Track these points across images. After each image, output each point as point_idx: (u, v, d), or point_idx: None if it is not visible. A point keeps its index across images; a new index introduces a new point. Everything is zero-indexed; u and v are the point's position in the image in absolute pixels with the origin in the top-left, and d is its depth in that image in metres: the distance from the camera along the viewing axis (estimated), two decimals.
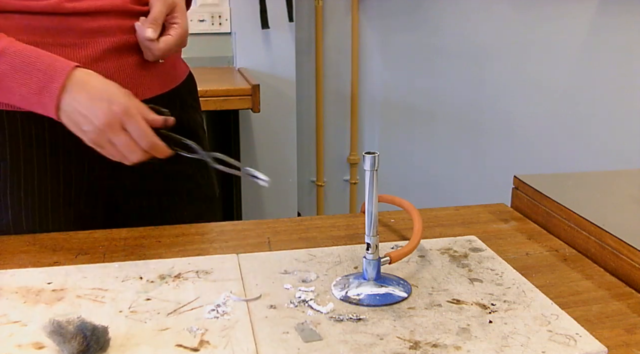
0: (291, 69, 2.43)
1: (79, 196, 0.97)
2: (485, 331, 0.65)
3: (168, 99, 1.01)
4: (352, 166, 2.73)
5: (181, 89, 1.06)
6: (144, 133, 0.82)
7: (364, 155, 0.69)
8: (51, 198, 0.95)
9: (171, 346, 0.62)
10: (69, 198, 0.96)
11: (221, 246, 0.86)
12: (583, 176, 1.11)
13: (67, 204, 0.96)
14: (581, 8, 2.45)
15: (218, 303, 0.70)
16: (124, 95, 0.83)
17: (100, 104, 0.81)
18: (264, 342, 0.63)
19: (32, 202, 0.94)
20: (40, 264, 0.81)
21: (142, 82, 0.97)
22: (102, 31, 0.92)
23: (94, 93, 0.82)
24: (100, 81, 0.84)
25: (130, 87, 0.88)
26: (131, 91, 0.86)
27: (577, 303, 0.72)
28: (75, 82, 0.82)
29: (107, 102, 0.81)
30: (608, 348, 0.63)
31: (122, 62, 0.94)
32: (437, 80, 2.63)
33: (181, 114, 1.01)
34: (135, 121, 0.82)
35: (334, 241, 0.88)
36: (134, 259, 0.81)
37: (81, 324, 0.61)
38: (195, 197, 1.08)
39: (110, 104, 0.81)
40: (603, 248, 0.83)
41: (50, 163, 0.93)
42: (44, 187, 0.94)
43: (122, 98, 0.82)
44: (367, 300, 0.71)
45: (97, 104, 0.81)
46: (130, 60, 0.95)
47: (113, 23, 0.93)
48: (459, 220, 0.96)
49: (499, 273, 0.78)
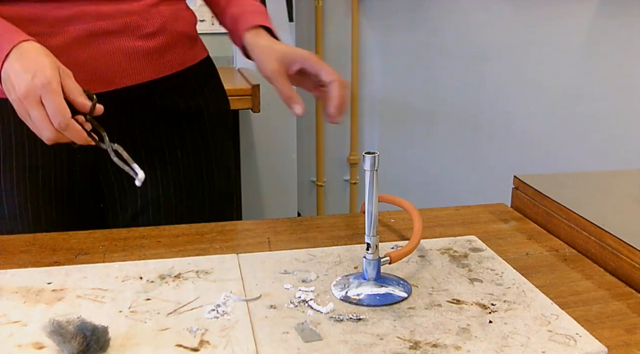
0: None
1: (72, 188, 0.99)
2: (485, 331, 0.65)
3: (162, 84, 1.01)
4: (352, 166, 2.73)
5: (185, 74, 1.05)
6: (58, 111, 0.80)
7: (364, 155, 0.69)
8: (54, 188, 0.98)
9: (171, 346, 0.62)
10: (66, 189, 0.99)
11: (221, 246, 0.86)
12: (583, 176, 1.11)
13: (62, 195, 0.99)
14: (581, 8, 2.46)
15: (218, 303, 0.70)
16: (53, 69, 0.80)
17: (25, 76, 0.80)
18: (264, 342, 0.63)
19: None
20: (40, 264, 0.81)
21: (122, 69, 0.96)
22: (73, 19, 0.92)
23: (25, 64, 0.81)
24: (37, 53, 0.82)
25: (109, 75, 0.88)
26: (110, 78, 0.86)
27: (577, 303, 0.72)
28: (17, 52, 0.82)
29: (32, 73, 0.79)
30: (608, 348, 0.63)
31: (96, 50, 0.94)
32: (437, 80, 2.63)
33: (177, 100, 1.01)
34: (53, 97, 0.79)
35: (334, 241, 0.88)
36: (134, 259, 0.81)
37: (81, 324, 0.61)
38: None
39: (34, 76, 0.79)
40: (603, 248, 0.83)
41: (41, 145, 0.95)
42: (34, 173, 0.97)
43: (48, 72, 0.80)
44: (367, 300, 0.71)
45: (23, 75, 0.80)
46: (106, 48, 0.94)
47: (85, 9, 0.92)
48: (459, 220, 0.96)
49: (499, 273, 0.78)
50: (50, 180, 0.99)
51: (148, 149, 1.03)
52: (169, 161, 1.04)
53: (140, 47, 0.98)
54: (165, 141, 1.04)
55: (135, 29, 0.97)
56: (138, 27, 0.97)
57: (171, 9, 1.02)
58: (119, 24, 0.95)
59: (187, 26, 1.05)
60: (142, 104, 1.01)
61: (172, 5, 1.02)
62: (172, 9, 1.02)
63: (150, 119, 1.02)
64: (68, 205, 1.02)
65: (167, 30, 1.00)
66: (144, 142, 1.02)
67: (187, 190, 1.06)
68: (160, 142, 1.03)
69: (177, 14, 1.03)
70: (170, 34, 1.01)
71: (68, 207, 1.02)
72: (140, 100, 1.00)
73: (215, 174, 1.09)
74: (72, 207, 1.02)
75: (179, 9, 1.04)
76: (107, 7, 0.94)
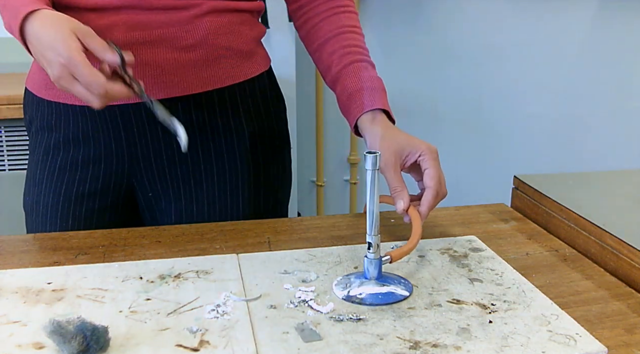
0: (291, 69, 2.43)
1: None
2: (485, 331, 0.65)
3: (200, 99, 0.96)
4: (352, 166, 2.73)
5: (230, 91, 0.99)
6: (90, 82, 0.78)
7: (366, 154, 0.69)
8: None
9: (171, 346, 0.62)
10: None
11: (221, 246, 0.86)
12: (583, 176, 1.11)
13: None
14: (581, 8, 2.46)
15: (218, 303, 0.70)
16: (69, 41, 0.78)
17: (51, 54, 0.79)
18: (264, 342, 0.63)
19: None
20: (40, 264, 0.81)
21: (154, 81, 0.93)
22: (111, 28, 0.90)
23: (44, 38, 0.80)
24: (46, 23, 0.81)
25: (145, 86, 0.85)
26: (147, 91, 0.84)
27: (577, 303, 0.72)
28: (31, 30, 0.81)
29: (52, 51, 0.79)
30: (608, 348, 0.63)
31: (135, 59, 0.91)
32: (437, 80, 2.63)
33: (216, 117, 0.98)
34: (80, 71, 0.78)
35: (334, 241, 0.88)
36: (134, 259, 0.81)
37: (81, 324, 0.61)
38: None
39: (58, 54, 0.78)
40: (603, 248, 0.83)
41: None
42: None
43: (62, 46, 0.78)
44: (370, 299, 0.71)
45: (48, 53, 0.79)
46: (139, 58, 0.91)
47: (122, 19, 0.90)
48: (459, 220, 0.96)
49: (499, 273, 0.78)
50: (85, 183, 0.98)
51: (185, 164, 0.99)
52: (204, 177, 1.00)
53: (176, 60, 0.93)
54: (202, 156, 0.99)
55: (171, 40, 0.93)
56: (175, 38, 0.93)
57: (219, 21, 0.96)
58: (153, 35, 0.92)
59: (237, 41, 0.98)
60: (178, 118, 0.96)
61: (223, 17, 0.96)
62: (220, 22, 0.96)
63: (188, 134, 0.94)
64: (99, 211, 1.00)
65: (208, 44, 0.95)
66: (180, 157, 0.99)
67: (220, 210, 1.01)
68: (198, 158, 0.99)
69: (228, 27, 0.97)
70: (212, 48, 0.95)
71: (99, 213, 1.00)
72: (174, 114, 0.93)
73: (240, 199, 1.02)
74: (104, 213, 1.00)
75: (232, 22, 0.98)
76: (145, 17, 0.91)
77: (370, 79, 0.96)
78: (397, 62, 2.62)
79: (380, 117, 0.92)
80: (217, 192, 1.00)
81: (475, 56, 2.58)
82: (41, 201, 1.00)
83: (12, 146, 1.84)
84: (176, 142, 0.93)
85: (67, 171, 0.98)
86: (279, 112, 1.08)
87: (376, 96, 0.94)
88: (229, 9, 0.97)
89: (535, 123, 2.59)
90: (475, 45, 2.56)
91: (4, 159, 1.86)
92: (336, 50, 0.99)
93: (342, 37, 0.99)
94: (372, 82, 0.96)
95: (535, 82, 2.55)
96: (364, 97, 0.94)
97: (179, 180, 0.99)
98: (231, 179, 1.01)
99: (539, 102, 2.57)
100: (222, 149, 1.00)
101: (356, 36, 1.01)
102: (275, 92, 1.08)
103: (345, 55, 0.98)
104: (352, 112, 0.95)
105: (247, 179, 1.01)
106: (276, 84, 1.09)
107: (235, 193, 1.01)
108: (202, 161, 1.00)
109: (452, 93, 2.64)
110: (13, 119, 1.78)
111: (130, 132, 0.97)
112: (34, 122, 1.02)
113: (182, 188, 1.00)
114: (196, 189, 1.00)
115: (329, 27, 1.00)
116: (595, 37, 2.47)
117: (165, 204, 1.01)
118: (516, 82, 2.57)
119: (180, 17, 0.93)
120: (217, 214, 1.00)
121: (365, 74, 0.96)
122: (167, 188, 1.00)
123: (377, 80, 0.97)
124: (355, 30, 1.01)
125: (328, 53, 0.99)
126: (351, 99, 0.95)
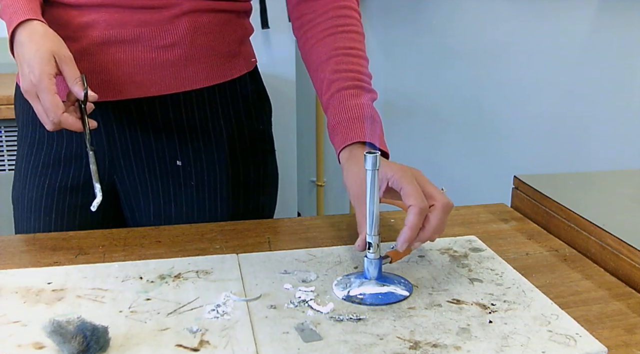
0: (291, 69, 2.43)
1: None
2: (485, 331, 0.65)
3: (178, 99, 0.96)
4: None
5: (214, 90, 0.98)
6: (49, 108, 0.82)
7: (366, 154, 0.69)
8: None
9: (171, 346, 0.62)
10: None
11: (221, 246, 0.86)
12: (583, 176, 1.11)
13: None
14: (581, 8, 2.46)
15: (218, 303, 0.70)
16: (43, 64, 0.82)
17: (25, 68, 0.83)
18: (264, 342, 0.63)
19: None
20: (40, 264, 0.81)
21: (130, 80, 0.93)
22: (90, 26, 0.91)
23: (26, 52, 0.83)
24: (38, 38, 0.84)
25: (118, 84, 0.88)
26: (119, 88, 0.87)
27: (577, 303, 0.72)
28: (19, 38, 0.84)
29: (28, 67, 0.83)
30: (608, 348, 0.63)
31: (106, 58, 0.92)
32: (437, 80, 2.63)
33: (194, 117, 0.97)
34: (44, 94, 0.82)
35: (334, 241, 0.88)
36: (134, 259, 0.81)
37: (81, 324, 0.61)
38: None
39: (30, 71, 0.82)
40: (603, 248, 0.83)
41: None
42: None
43: (37, 69, 0.82)
44: (370, 299, 0.71)
45: (24, 67, 0.83)
46: (116, 57, 0.92)
47: (102, 17, 0.91)
48: (459, 220, 0.96)
49: (499, 273, 0.78)
50: (67, 178, 0.99)
51: (164, 163, 0.99)
52: (182, 178, 0.99)
53: (154, 59, 0.93)
54: (180, 156, 0.99)
55: (149, 39, 0.93)
56: (153, 38, 0.93)
57: (199, 21, 0.95)
58: (132, 33, 0.92)
59: (217, 41, 0.97)
60: (154, 118, 0.97)
61: (203, 17, 0.95)
62: (200, 22, 0.95)
63: (167, 133, 0.98)
64: (82, 207, 1.00)
65: (186, 43, 0.94)
66: (159, 156, 0.99)
67: (198, 211, 1.00)
68: (175, 159, 0.99)
69: (208, 27, 0.96)
70: (191, 48, 0.95)
71: (82, 208, 1.00)
72: (152, 113, 0.96)
73: (223, 199, 1.01)
74: (87, 208, 1.00)
75: (213, 22, 0.96)
76: (124, 16, 0.91)
77: (353, 108, 0.88)
78: (397, 62, 2.62)
79: (356, 152, 0.86)
80: (195, 193, 1.00)
81: (475, 56, 2.58)
82: (26, 194, 1.01)
83: (12, 146, 1.85)
84: (155, 141, 0.98)
85: (50, 166, 1.00)
86: (261, 115, 1.06)
87: (352, 128, 0.87)
88: (210, 9, 0.96)
89: (535, 123, 2.59)
90: (475, 45, 2.57)
91: (4, 159, 1.86)
92: (325, 77, 0.92)
93: (332, 61, 0.92)
94: (354, 112, 0.88)
95: (536, 82, 2.55)
96: (339, 134, 0.88)
97: (157, 180, 1.00)
98: (209, 180, 1.00)
99: (539, 102, 2.57)
100: (201, 151, 1.00)
101: (349, 58, 0.93)
102: (258, 94, 1.06)
103: (333, 82, 0.91)
104: (335, 145, 0.91)
105: (226, 181, 1.01)
106: (261, 85, 1.07)
107: (214, 195, 1.01)
108: (180, 162, 1.00)
109: (452, 93, 2.64)
110: (13, 119, 1.77)
111: (110, 129, 0.98)
112: (20, 117, 1.04)
113: (161, 188, 1.00)
114: (174, 190, 1.00)
115: (323, 49, 0.94)
116: (596, 37, 2.47)
117: (144, 204, 1.01)
118: (516, 82, 2.57)
119: (160, 17, 0.93)
120: (195, 216, 1.00)
121: (350, 103, 0.89)
122: (145, 187, 1.00)
123: (359, 109, 0.88)
124: (350, 52, 0.94)
125: (320, 80, 0.94)
126: (332, 134, 0.90)
